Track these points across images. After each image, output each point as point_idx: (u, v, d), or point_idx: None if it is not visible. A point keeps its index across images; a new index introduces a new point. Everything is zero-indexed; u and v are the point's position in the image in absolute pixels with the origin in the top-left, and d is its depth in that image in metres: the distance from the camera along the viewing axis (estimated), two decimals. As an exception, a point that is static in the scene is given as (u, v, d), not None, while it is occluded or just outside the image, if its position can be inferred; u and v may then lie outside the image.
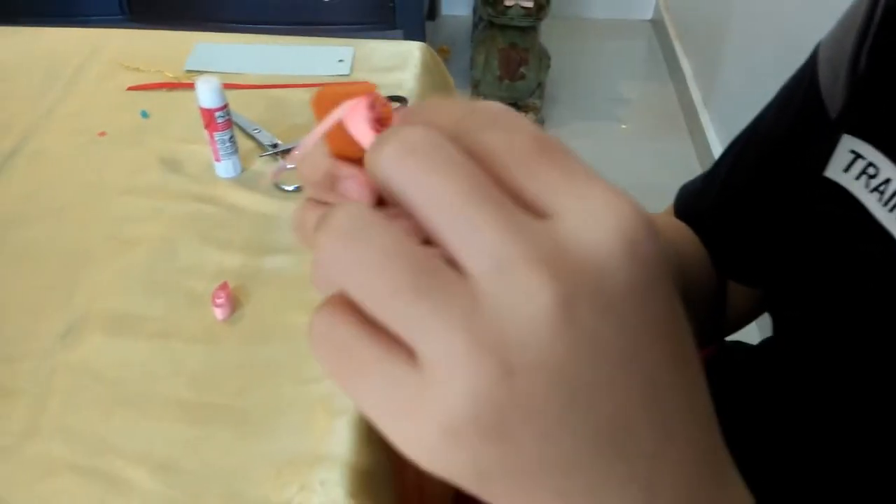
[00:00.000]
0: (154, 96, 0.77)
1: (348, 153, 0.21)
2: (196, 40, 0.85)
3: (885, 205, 0.36)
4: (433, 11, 2.27)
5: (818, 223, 0.41)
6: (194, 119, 0.66)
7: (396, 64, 0.82)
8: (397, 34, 1.69)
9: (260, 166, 0.69)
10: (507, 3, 1.66)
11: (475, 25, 2.05)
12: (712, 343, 0.57)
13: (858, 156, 0.38)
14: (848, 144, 0.38)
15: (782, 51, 1.40)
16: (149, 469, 0.46)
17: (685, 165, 1.80)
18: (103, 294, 0.57)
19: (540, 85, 1.83)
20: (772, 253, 0.47)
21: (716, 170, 0.51)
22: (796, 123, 0.44)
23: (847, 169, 0.38)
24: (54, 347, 0.53)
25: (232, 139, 0.66)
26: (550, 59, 1.83)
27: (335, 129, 0.20)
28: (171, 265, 0.60)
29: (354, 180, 0.21)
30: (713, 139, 1.74)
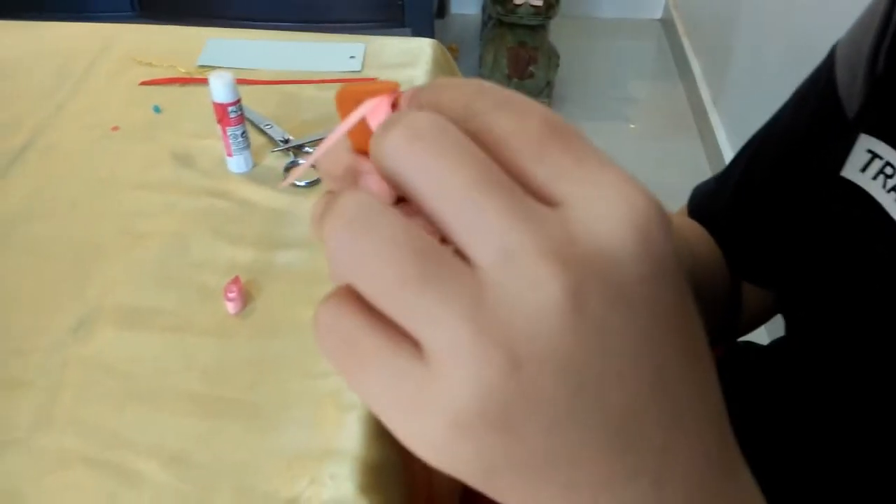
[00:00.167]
0: (166, 91, 0.77)
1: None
2: (208, 36, 0.85)
3: None
4: (442, 9, 2.26)
5: (834, 223, 0.41)
6: (207, 114, 0.66)
7: (407, 60, 0.82)
8: (406, 32, 1.69)
9: (272, 161, 0.69)
10: (517, 2, 1.66)
11: (484, 24, 2.05)
12: (726, 342, 0.57)
13: (876, 156, 0.37)
14: (865, 144, 0.38)
15: (792, 51, 1.39)
16: (160, 462, 0.46)
17: (694, 165, 1.79)
18: (115, 288, 0.57)
19: (549, 84, 1.83)
20: (786, 253, 0.47)
21: (730, 170, 0.51)
22: (813, 123, 0.44)
23: (864, 169, 0.38)
24: (66, 341, 0.54)
25: (244, 134, 0.66)
26: (559, 58, 1.82)
27: (358, 126, 0.20)
28: (183, 259, 0.60)
29: (375, 175, 0.21)
30: (722, 139, 1.73)
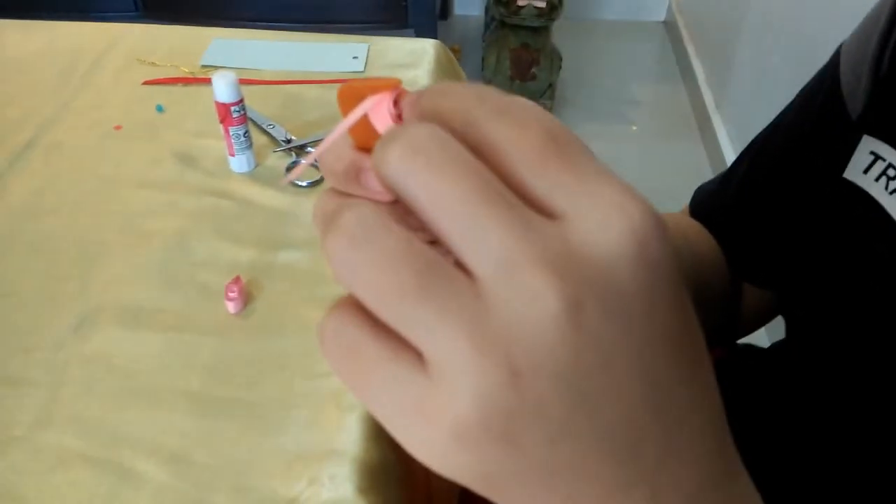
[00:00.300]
0: (170, 91, 0.77)
1: (372, 146, 0.21)
2: (212, 36, 0.85)
3: None
4: (445, 11, 2.27)
5: (836, 225, 0.41)
6: (209, 114, 0.67)
7: (411, 61, 0.82)
8: (409, 33, 1.69)
9: (274, 161, 0.69)
10: (520, 3, 1.66)
11: (487, 25, 2.05)
12: (726, 343, 0.57)
13: (878, 157, 0.37)
14: (868, 146, 0.38)
15: (795, 54, 1.39)
16: (159, 461, 0.47)
17: (696, 168, 1.79)
18: (117, 286, 0.58)
19: (551, 86, 1.83)
20: (788, 254, 0.47)
21: (733, 170, 0.51)
22: (817, 124, 0.44)
23: (867, 171, 0.38)
24: (68, 339, 0.54)
25: (247, 134, 0.66)
26: (562, 60, 1.82)
27: (359, 122, 0.20)
28: (185, 259, 0.60)
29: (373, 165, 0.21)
30: (725, 142, 1.73)
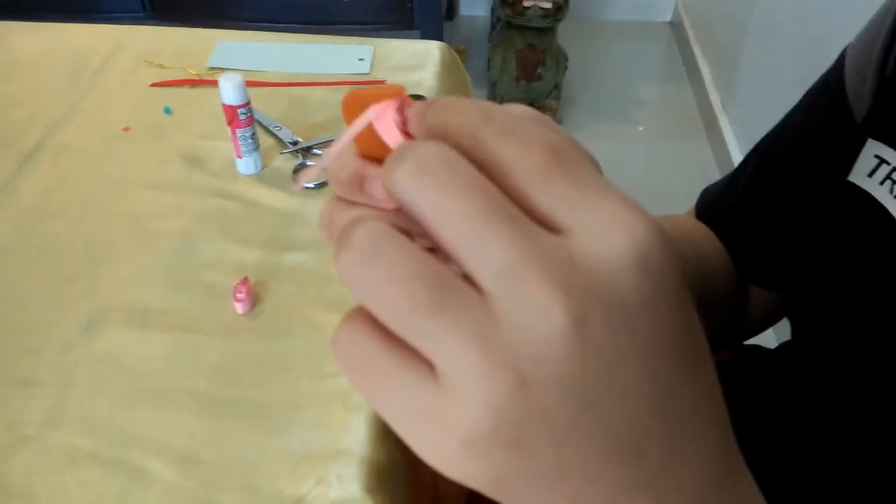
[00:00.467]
0: (177, 93, 0.78)
1: (376, 154, 0.21)
2: (219, 38, 0.86)
3: None
4: (451, 11, 2.27)
5: (842, 227, 0.41)
6: (216, 116, 0.67)
7: (416, 63, 0.82)
8: (415, 34, 1.70)
9: (281, 163, 0.70)
10: (526, 4, 1.66)
11: (493, 26, 2.05)
12: (732, 345, 0.57)
13: (883, 161, 0.37)
14: (873, 149, 0.38)
15: (802, 54, 1.39)
16: (168, 461, 0.47)
17: (702, 168, 1.79)
18: (125, 287, 0.58)
19: (557, 86, 1.83)
20: (793, 257, 0.47)
21: (739, 173, 0.51)
22: (822, 127, 0.44)
23: (871, 174, 0.38)
24: (76, 339, 0.54)
25: (253, 136, 0.66)
26: (568, 60, 1.82)
27: (364, 130, 0.21)
28: (192, 260, 0.60)
29: (381, 181, 0.21)
30: (731, 142, 1.73)
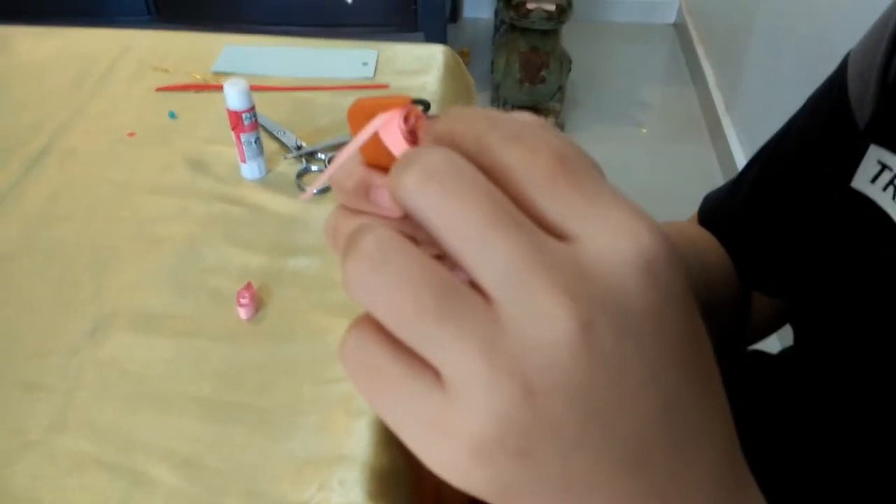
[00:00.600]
0: (182, 97, 0.78)
1: (382, 163, 0.21)
2: (224, 42, 0.86)
3: None
4: (455, 14, 2.27)
5: (845, 234, 0.41)
6: (221, 120, 0.67)
7: (420, 67, 0.82)
8: (419, 36, 1.70)
9: (285, 168, 0.70)
10: (529, 7, 1.66)
11: (496, 28, 2.05)
12: (735, 351, 0.57)
13: (885, 167, 0.37)
14: (875, 155, 0.38)
15: (805, 56, 1.39)
16: (171, 466, 0.47)
17: (706, 170, 1.79)
18: (130, 292, 0.58)
19: (560, 88, 1.83)
20: (796, 262, 0.47)
21: (741, 178, 0.51)
22: (824, 133, 0.44)
23: (874, 179, 0.38)
24: (82, 344, 0.54)
25: (258, 141, 0.67)
26: (571, 63, 1.82)
27: (370, 140, 0.21)
28: (196, 265, 0.60)
29: (386, 189, 0.21)
30: (735, 144, 1.73)
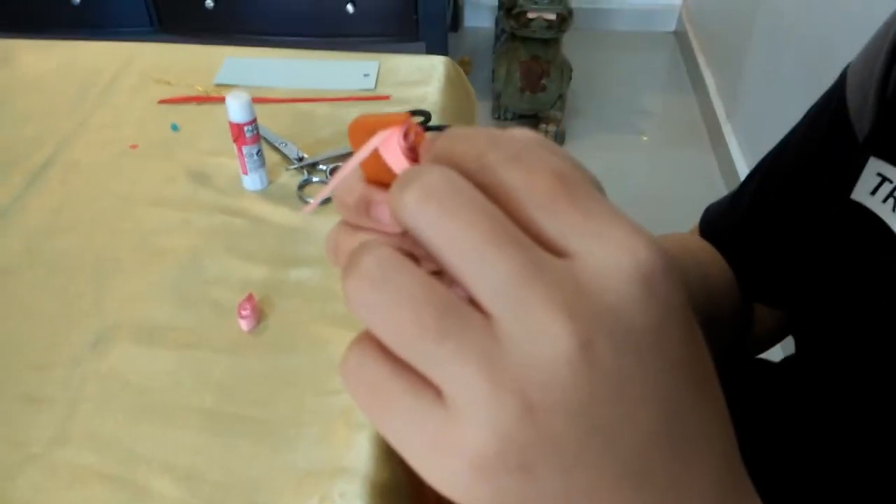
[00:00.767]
0: (184, 110, 0.79)
1: (382, 179, 0.21)
2: (226, 54, 0.87)
3: None
4: (456, 23, 2.28)
5: (845, 246, 0.41)
6: (223, 132, 0.68)
7: (421, 78, 0.82)
8: (420, 46, 1.71)
9: (286, 179, 0.70)
10: (530, 16, 1.66)
11: (497, 37, 2.06)
12: (737, 361, 0.57)
13: (885, 179, 0.38)
14: (875, 167, 0.38)
15: (806, 64, 1.39)
16: (173, 478, 0.47)
17: (707, 178, 1.79)
18: (132, 304, 0.58)
19: (561, 97, 1.83)
20: (796, 274, 0.47)
21: (742, 190, 0.51)
22: (824, 145, 0.44)
23: (874, 192, 0.38)
24: (84, 356, 0.54)
25: (259, 153, 0.67)
26: (572, 71, 1.83)
27: (370, 156, 0.21)
28: (199, 276, 0.61)
29: (386, 206, 0.21)
30: (735, 152, 1.73)
